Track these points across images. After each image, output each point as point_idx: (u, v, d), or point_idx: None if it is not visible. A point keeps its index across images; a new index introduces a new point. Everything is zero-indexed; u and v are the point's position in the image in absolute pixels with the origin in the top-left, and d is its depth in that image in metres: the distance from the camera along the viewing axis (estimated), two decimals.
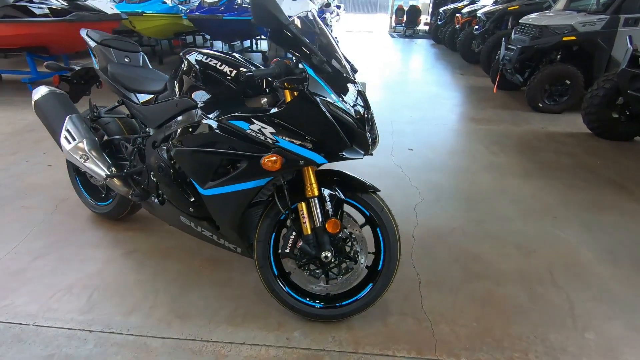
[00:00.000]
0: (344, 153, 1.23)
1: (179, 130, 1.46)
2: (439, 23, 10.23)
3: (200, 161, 1.39)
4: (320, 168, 1.48)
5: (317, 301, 1.52)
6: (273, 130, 1.23)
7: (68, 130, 1.83)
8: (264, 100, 1.38)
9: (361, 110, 1.26)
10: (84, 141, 1.83)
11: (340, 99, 1.22)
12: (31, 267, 1.83)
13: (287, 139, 1.22)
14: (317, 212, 1.36)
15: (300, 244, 1.38)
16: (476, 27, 6.85)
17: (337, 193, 1.38)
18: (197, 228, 1.63)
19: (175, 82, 1.52)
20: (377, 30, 15.31)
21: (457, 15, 8.44)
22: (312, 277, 1.49)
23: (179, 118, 1.53)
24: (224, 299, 1.66)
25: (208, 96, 1.40)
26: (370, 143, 1.26)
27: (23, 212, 2.29)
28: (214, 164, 1.36)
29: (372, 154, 1.32)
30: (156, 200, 1.71)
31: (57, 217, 2.24)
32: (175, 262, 1.89)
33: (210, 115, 1.34)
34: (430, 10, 12.71)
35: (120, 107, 1.95)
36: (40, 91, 1.90)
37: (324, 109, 1.19)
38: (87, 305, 1.61)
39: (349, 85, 1.28)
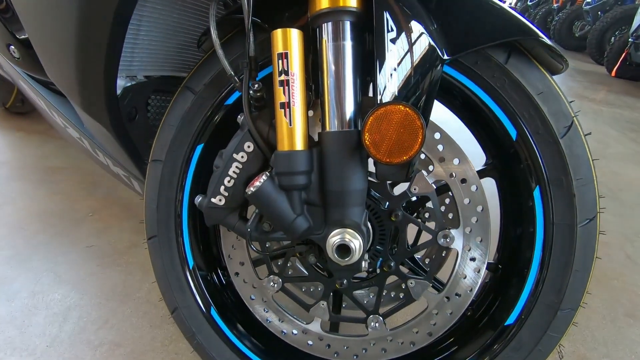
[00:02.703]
0: None
1: None
2: (529, 3, 8.62)
3: None
4: None
5: None
6: None
7: None
8: None
9: None
10: None
11: None
12: None
13: None
14: (342, 67, 0.35)
15: (261, 178, 0.38)
16: (588, 0, 5.38)
17: (422, 23, 0.35)
18: (52, 113, 0.67)
19: None
20: None
21: None
22: (299, 297, 0.49)
23: None
24: (96, 294, 0.71)
25: None
26: None
27: None
28: None
29: None
30: None
31: None
32: (53, 198, 0.96)
33: None
34: None
35: None
36: None
37: None
38: None
39: None
